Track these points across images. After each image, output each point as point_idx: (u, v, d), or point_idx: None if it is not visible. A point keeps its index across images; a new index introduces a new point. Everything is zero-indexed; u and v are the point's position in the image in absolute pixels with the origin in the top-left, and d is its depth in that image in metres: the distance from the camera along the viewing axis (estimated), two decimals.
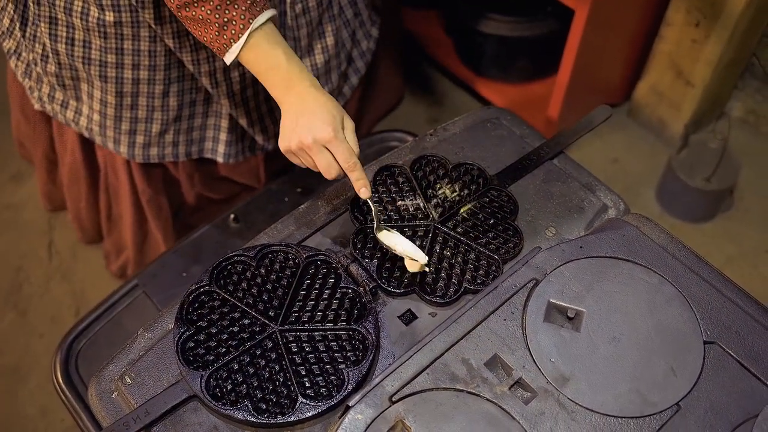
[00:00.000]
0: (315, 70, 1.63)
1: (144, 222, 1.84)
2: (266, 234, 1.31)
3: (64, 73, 1.54)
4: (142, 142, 1.60)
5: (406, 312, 1.22)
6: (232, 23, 1.15)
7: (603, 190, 1.36)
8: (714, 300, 1.15)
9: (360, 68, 1.77)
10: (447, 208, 1.33)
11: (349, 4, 1.65)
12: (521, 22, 2.26)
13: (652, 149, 2.42)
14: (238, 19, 1.15)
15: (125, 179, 1.71)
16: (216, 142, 1.63)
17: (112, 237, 1.97)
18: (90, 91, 1.55)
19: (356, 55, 1.75)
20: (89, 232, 2.08)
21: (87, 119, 1.60)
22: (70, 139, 1.73)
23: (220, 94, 1.55)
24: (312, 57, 1.62)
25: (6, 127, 2.47)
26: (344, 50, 1.68)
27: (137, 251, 1.91)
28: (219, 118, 1.62)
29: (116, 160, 1.68)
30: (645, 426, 1.03)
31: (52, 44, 1.48)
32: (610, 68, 2.33)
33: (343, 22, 1.65)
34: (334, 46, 1.63)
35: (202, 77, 1.51)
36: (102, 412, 1.14)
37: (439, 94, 2.59)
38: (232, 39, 1.16)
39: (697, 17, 2.06)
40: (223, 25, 1.15)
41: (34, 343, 2.05)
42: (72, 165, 1.79)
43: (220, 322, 1.19)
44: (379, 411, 1.03)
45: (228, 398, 1.11)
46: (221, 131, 1.63)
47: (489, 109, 1.51)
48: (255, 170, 1.76)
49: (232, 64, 1.31)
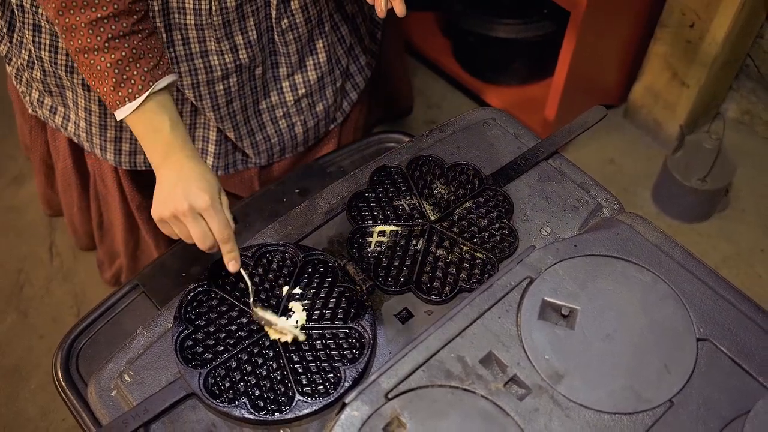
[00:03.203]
0: (308, 87, 1.61)
1: (135, 228, 1.83)
2: (264, 234, 1.33)
3: (49, 80, 1.53)
4: (128, 149, 1.59)
5: (402, 310, 1.23)
6: (131, 82, 1.13)
7: (598, 189, 1.38)
8: (707, 298, 1.17)
9: (359, 83, 1.75)
10: (443, 208, 1.34)
11: (343, 20, 1.63)
12: (518, 24, 2.27)
13: (648, 150, 2.43)
14: (138, 80, 1.13)
15: (113, 186, 1.71)
16: (205, 153, 1.61)
17: (104, 245, 1.97)
18: (74, 99, 1.54)
19: (354, 70, 1.73)
20: (83, 239, 2.08)
21: (74, 125, 1.59)
22: (61, 145, 1.72)
23: (205, 107, 1.52)
24: (304, 73, 1.60)
25: (7, 129, 2.49)
26: (339, 66, 1.66)
27: (130, 258, 1.91)
28: (207, 129, 1.59)
29: (104, 166, 1.67)
30: (638, 422, 1.05)
31: (36, 51, 1.47)
32: (605, 70, 2.34)
33: (338, 38, 1.63)
34: (327, 63, 1.60)
35: (185, 89, 1.49)
36: (101, 410, 1.16)
37: (437, 96, 2.60)
38: (128, 98, 1.13)
39: (691, 18, 2.08)
40: (120, 82, 1.13)
41: (35, 344, 2.06)
42: (64, 171, 1.79)
43: (218, 320, 1.21)
44: (375, 408, 1.04)
45: (226, 396, 1.12)
46: (210, 143, 1.61)
47: (484, 109, 1.52)
48: (248, 183, 1.74)
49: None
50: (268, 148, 1.66)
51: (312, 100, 1.64)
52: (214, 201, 1.13)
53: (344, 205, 1.35)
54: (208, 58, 1.45)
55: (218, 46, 1.43)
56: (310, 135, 1.70)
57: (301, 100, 1.62)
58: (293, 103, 1.62)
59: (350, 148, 1.66)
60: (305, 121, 1.66)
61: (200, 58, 1.45)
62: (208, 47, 1.44)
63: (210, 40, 1.43)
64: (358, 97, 1.77)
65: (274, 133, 1.65)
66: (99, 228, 1.92)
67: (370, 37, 1.76)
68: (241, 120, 1.58)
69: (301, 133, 1.68)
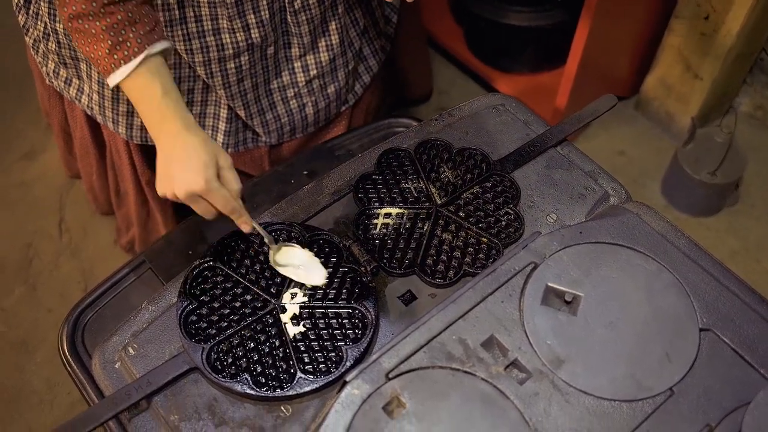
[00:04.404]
0: (319, 68, 1.61)
1: (146, 201, 1.85)
2: (270, 212, 1.33)
3: (64, 52, 1.55)
4: (140, 123, 1.60)
5: (406, 293, 1.24)
6: (126, 44, 1.13)
7: (605, 178, 1.37)
8: (711, 288, 1.17)
9: (372, 66, 1.75)
10: (449, 192, 1.34)
11: (358, 3, 1.63)
12: (531, 11, 2.26)
13: (659, 143, 2.42)
14: (134, 42, 1.13)
15: (126, 159, 1.72)
16: (215, 130, 1.62)
17: (121, 211, 1.99)
18: (88, 71, 1.55)
19: (368, 53, 1.73)
20: (102, 204, 2.11)
21: (88, 98, 1.61)
22: (78, 115, 1.74)
23: (216, 85, 1.53)
24: (316, 54, 1.60)
25: (18, 106, 2.51)
26: (352, 48, 1.66)
27: (142, 229, 1.93)
28: (218, 107, 1.60)
29: (118, 139, 1.69)
30: (638, 409, 1.05)
31: (51, 23, 1.49)
32: (618, 60, 2.33)
33: (351, 20, 1.63)
34: (339, 45, 1.61)
35: (196, 66, 1.50)
36: (105, 382, 1.17)
37: (447, 82, 2.59)
38: (123, 60, 1.13)
39: (707, 10, 2.06)
40: (116, 44, 1.13)
41: (42, 317, 2.08)
42: (82, 140, 1.81)
43: (222, 297, 1.21)
44: (375, 387, 1.05)
45: (228, 371, 1.13)
46: (220, 120, 1.62)
47: (494, 95, 1.52)
48: (258, 161, 1.75)
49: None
50: (278, 128, 1.67)
51: (323, 82, 1.64)
52: (210, 181, 1.12)
53: (351, 187, 1.35)
54: (220, 36, 1.46)
55: (230, 24, 1.44)
56: (320, 116, 1.71)
57: (313, 81, 1.63)
58: (304, 83, 1.62)
59: (359, 132, 1.67)
60: (316, 102, 1.67)
61: (212, 35, 1.45)
62: (220, 25, 1.44)
63: (222, 18, 1.43)
64: (371, 80, 1.77)
65: (285, 112, 1.65)
66: (116, 194, 1.94)
67: (385, 20, 1.76)
68: (251, 99, 1.59)
69: (312, 114, 1.68)
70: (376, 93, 1.85)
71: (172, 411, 1.11)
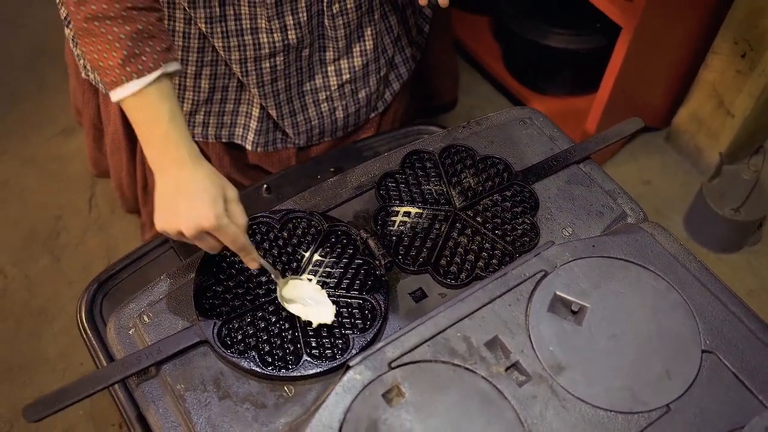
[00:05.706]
0: (352, 73, 1.63)
1: None
2: (293, 201, 1.37)
3: None
4: None
5: (417, 290, 1.26)
6: (142, 58, 1.07)
7: (624, 198, 1.39)
8: (718, 312, 1.18)
9: (403, 74, 1.77)
10: (469, 197, 1.37)
11: (393, 10, 1.65)
12: (569, 34, 2.29)
13: (686, 176, 2.42)
14: (150, 57, 1.08)
15: None
16: (246, 129, 1.64)
17: (147, 208, 2.03)
18: None
19: (399, 61, 1.75)
20: (130, 202, 2.14)
21: None
22: (112, 109, 1.75)
23: (251, 83, 1.54)
24: (350, 59, 1.62)
25: (61, 82, 2.57)
26: (385, 55, 1.68)
27: None
28: (251, 106, 1.61)
29: None
30: (633, 422, 1.06)
31: None
32: (651, 90, 2.34)
33: (386, 27, 1.65)
34: (373, 51, 1.63)
35: (232, 64, 1.51)
36: (118, 346, 1.21)
37: (481, 98, 2.62)
38: (135, 74, 1.07)
39: (744, 48, 2.08)
40: (131, 56, 1.07)
41: (63, 288, 2.13)
42: (114, 135, 1.83)
43: (238, 276, 1.25)
44: (377, 374, 1.07)
45: (237, 347, 1.16)
46: (252, 119, 1.63)
47: (522, 108, 1.54)
48: (286, 162, 1.75)
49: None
50: (308, 130, 1.70)
51: (355, 87, 1.68)
52: (220, 218, 1.09)
53: (374, 183, 1.38)
54: (258, 35, 1.49)
55: (269, 24, 1.47)
56: (350, 120, 1.74)
57: (345, 85, 1.66)
58: (336, 87, 1.66)
59: (388, 135, 1.70)
60: (347, 107, 1.70)
61: (250, 34, 1.48)
62: (258, 24, 1.47)
63: (261, 17, 1.46)
64: (401, 88, 1.80)
65: (315, 115, 1.68)
66: (144, 190, 1.97)
67: (417, 29, 1.78)
68: (284, 99, 1.61)
69: (342, 117, 1.71)
70: (403, 101, 1.88)
71: (179, 380, 1.14)
